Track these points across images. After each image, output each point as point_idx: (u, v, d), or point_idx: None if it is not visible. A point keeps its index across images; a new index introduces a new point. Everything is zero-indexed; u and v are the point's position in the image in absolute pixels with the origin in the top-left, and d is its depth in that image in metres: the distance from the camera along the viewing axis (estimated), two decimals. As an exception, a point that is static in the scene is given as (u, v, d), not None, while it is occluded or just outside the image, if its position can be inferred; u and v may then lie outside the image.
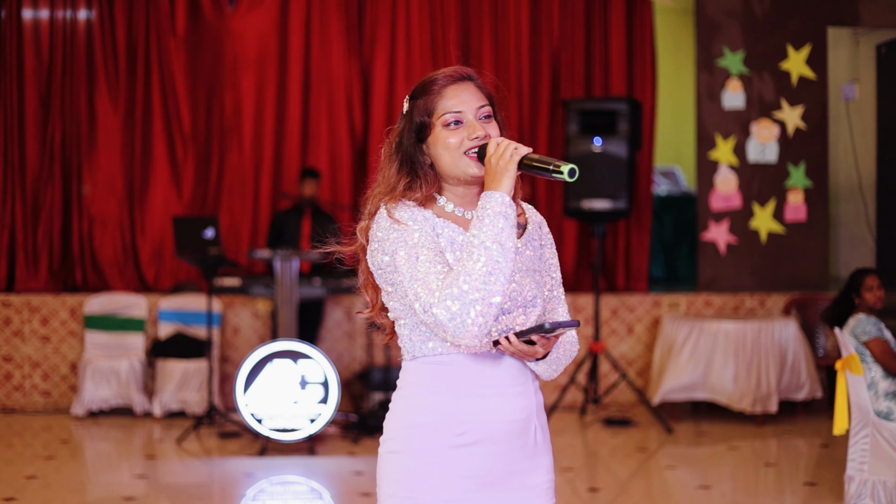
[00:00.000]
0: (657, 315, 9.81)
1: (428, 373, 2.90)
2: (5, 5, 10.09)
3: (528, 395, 2.96)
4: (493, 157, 2.81)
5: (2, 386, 9.64)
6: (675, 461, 7.98)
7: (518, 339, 2.80)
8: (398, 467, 2.90)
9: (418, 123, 2.92)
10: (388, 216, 2.85)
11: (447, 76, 2.94)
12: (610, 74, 10.34)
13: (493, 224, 2.73)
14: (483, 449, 2.88)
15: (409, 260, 2.78)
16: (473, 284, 2.67)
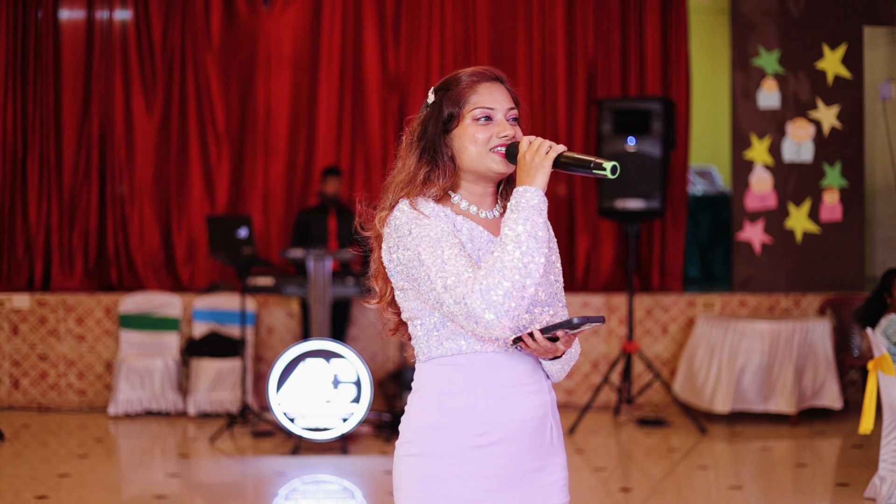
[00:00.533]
0: (692, 315, 9.77)
1: (444, 374, 2.89)
2: (42, 6, 10.15)
3: (542, 393, 2.96)
4: (527, 153, 2.83)
5: (37, 384, 9.71)
6: (707, 461, 7.94)
7: (543, 335, 2.80)
8: (418, 470, 2.89)
9: (447, 114, 2.92)
10: (409, 209, 2.85)
11: (480, 73, 2.96)
12: (645, 74, 10.30)
13: (528, 217, 2.75)
14: (502, 449, 2.87)
15: (434, 252, 2.77)
16: (508, 276, 2.69)
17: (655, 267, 10.30)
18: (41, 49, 10.18)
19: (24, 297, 9.72)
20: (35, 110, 10.17)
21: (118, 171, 10.25)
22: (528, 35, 10.33)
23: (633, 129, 8.96)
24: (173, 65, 10.30)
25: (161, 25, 10.27)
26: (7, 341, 9.68)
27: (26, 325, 9.70)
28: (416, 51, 10.33)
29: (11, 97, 10.14)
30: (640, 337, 9.75)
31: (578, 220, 10.26)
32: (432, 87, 3.00)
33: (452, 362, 2.88)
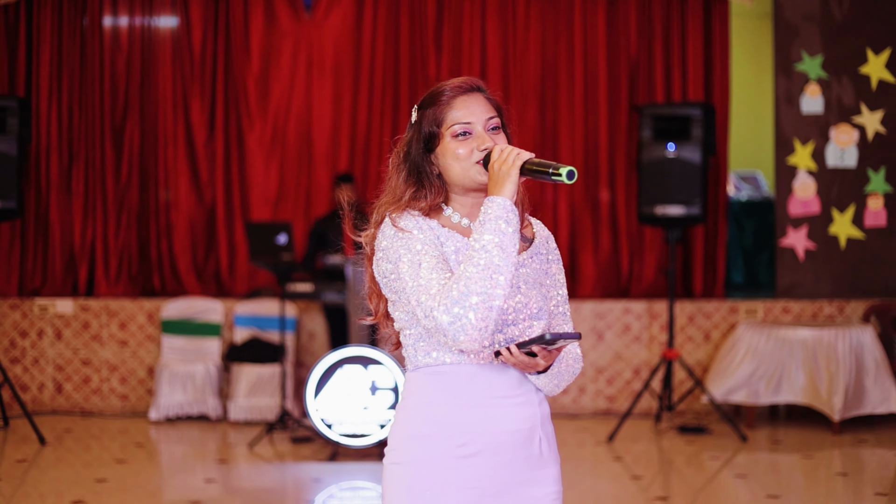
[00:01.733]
0: (734, 321, 9.70)
1: (429, 383, 2.90)
2: (87, 13, 10.24)
3: (530, 405, 2.95)
4: (495, 162, 2.83)
5: (80, 389, 9.79)
6: (746, 470, 7.88)
7: (519, 349, 2.79)
8: (401, 478, 2.90)
9: (427, 133, 2.94)
10: (392, 225, 2.87)
11: (456, 87, 2.96)
12: (687, 79, 10.25)
13: (493, 228, 2.75)
14: (485, 460, 2.88)
15: (412, 267, 2.80)
16: (473, 287, 2.69)
17: (698, 273, 10.24)
18: (86, 56, 10.28)
19: (68, 302, 9.81)
20: (80, 118, 10.26)
21: (162, 177, 10.31)
22: (569, 41, 10.30)
23: (673, 135, 8.91)
24: (216, 71, 10.36)
25: (203, 32, 10.34)
26: (51, 346, 9.77)
27: (70, 330, 9.78)
28: (457, 58, 10.32)
29: (56, 105, 10.24)
30: (682, 344, 9.70)
31: (621, 227, 10.22)
32: (415, 104, 3.01)
33: (437, 372, 2.89)
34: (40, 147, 10.17)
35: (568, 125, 10.27)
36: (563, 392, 9.70)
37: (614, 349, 9.77)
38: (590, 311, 9.81)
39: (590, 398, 9.76)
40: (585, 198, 10.25)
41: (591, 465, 8.05)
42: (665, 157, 8.90)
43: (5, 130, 8.75)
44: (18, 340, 9.76)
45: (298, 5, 10.35)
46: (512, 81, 10.27)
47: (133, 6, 10.31)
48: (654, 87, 10.25)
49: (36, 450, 8.34)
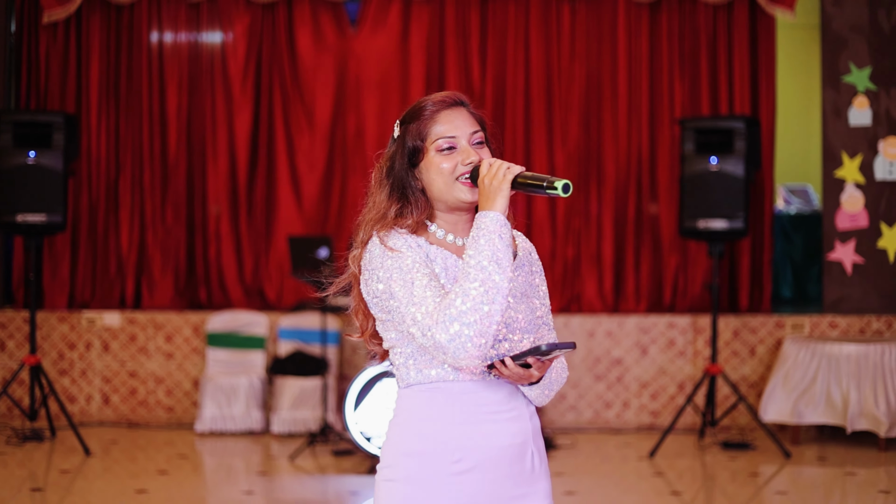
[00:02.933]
0: (780, 336, 9.62)
1: (421, 400, 2.90)
2: (134, 29, 10.35)
3: (522, 419, 2.94)
4: (486, 177, 2.82)
5: (127, 401, 9.88)
6: (787, 487, 7.81)
7: (514, 362, 2.79)
8: (394, 495, 2.90)
9: (411, 148, 2.93)
10: (380, 244, 2.87)
11: (440, 101, 2.95)
12: (733, 92, 10.19)
13: (488, 243, 2.73)
14: (479, 475, 2.87)
15: (404, 285, 2.78)
16: (471, 304, 2.68)
17: (744, 288, 10.16)
18: (133, 72, 10.39)
19: (115, 314, 9.90)
20: (127, 132, 10.37)
21: (209, 191, 10.40)
22: (613, 53, 10.27)
23: (715, 149, 8.85)
24: (261, 86, 10.43)
25: (248, 47, 10.41)
26: (98, 358, 9.87)
27: (117, 342, 9.88)
28: (500, 71, 10.33)
29: (105, 119, 10.35)
30: (727, 359, 9.62)
31: (666, 241, 10.16)
32: (398, 119, 3.01)
33: (429, 389, 2.89)
34: (90, 161, 10.29)
35: (612, 138, 10.23)
36: (607, 406, 9.67)
37: (658, 364, 9.71)
38: (634, 325, 9.76)
39: (633, 413, 9.72)
40: (630, 212, 10.21)
41: (634, 480, 8.01)
42: (708, 170, 8.84)
43: (51, 145, 8.87)
44: (67, 352, 9.88)
45: (343, 20, 10.41)
46: (555, 95, 10.26)
47: (179, 22, 10.41)
48: (698, 101, 10.20)
49: (81, 460, 8.42)
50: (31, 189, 8.80)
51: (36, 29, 10.33)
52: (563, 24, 10.27)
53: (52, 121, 8.93)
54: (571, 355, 9.70)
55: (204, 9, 10.41)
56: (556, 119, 10.27)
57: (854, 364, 8.76)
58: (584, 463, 8.51)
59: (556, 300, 10.15)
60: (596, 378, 9.74)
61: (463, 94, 3.00)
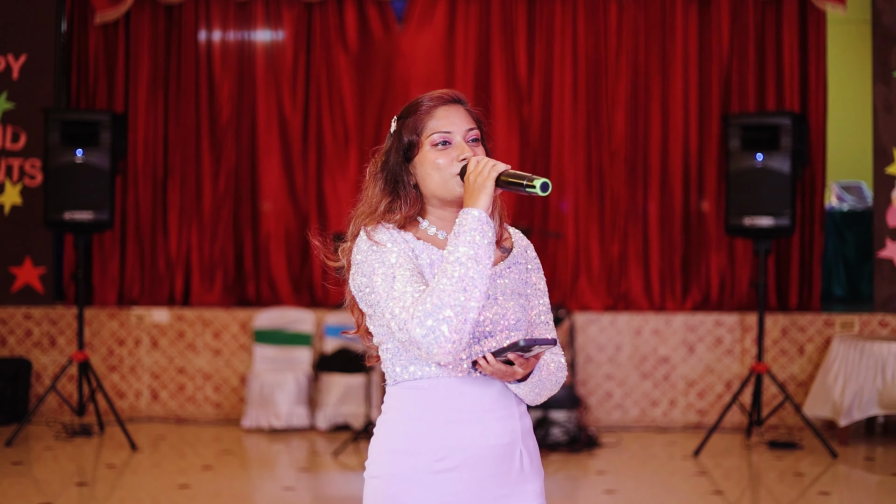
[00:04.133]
0: (829, 335, 9.52)
1: (408, 397, 2.90)
2: (183, 28, 10.43)
3: (511, 419, 2.92)
4: (471, 174, 2.82)
5: (176, 397, 9.97)
6: (831, 487, 7.73)
7: (495, 357, 2.77)
8: (379, 492, 2.91)
9: (406, 142, 2.94)
10: (367, 238, 2.87)
11: (437, 97, 2.95)
12: (782, 88, 10.08)
13: (468, 240, 2.73)
14: (463, 474, 2.86)
15: (385, 280, 2.79)
16: (446, 300, 2.67)
17: (793, 286, 10.06)
18: (182, 71, 10.47)
19: (164, 311, 10.00)
20: (176, 131, 10.46)
21: (257, 189, 10.46)
22: (661, 49, 10.20)
23: (761, 145, 8.77)
24: (309, 84, 10.48)
25: (297, 46, 10.46)
26: (147, 354, 9.97)
27: (165, 338, 9.97)
28: (547, 68, 10.30)
29: (153, 118, 10.44)
30: (775, 357, 9.54)
31: (712, 238, 10.08)
32: (395, 115, 3.01)
33: (415, 386, 2.89)
34: (137, 160, 10.38)
35: (659, 134, 10.17)
36: (653, 405, 9.62)
37: (705, 362, 9.65)
38: (681, 323, 9.71)
39: (680, 412, 9.66)
40: (677, 209, 10.14)
41: (676, 479, 7.96)
42: (753, 167, 8.76)
43: (98, 144, 8.96)
44: (116, 349, 9.98)
45: (390, 18, 10.43)
46: (603, 91, 10.21)
47: (228, 21, 10.48)
48: (746, 96, 10.11)
49: (128, 455, 8.51)
50: (79, 187, 8.90)
51: (86, 29, 10.45)
52: (610, 20, 10.22)
53: (99, 120, 9.03)
54: (617, 353, 9.67)
55: (252, 7, 10.47)
56: (603, 115, 10.22)
57: (902, 363, 8.66)
58: (627, 461, 8.47)
59: (603, 298, 10.12)
60: (642, 376, 9.70)
61: (461, 92, 3.00)
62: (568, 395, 9.08)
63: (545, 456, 8.52)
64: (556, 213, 10.22)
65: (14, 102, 10.21)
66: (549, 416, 8.92)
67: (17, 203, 10.18)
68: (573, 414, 9.03)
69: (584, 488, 7.90)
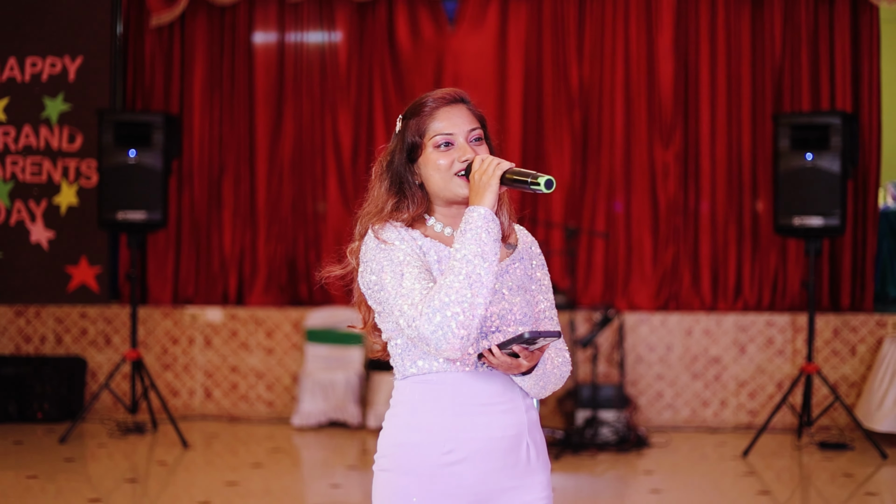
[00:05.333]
0: (882, 336, 9.44)
1: (416, 391, 2.95)
2: (237, 29, 10.53)
3: (517, 411, 2.97)
4: (476, 173, 2.87)
5: (228, 395, 10.07)
6: (879, 488, 7.67)
7: (500, 350, 2.81)
8: (388, 485, 2.95)
9: (409, 144, 2.98)
10: (374, 237, 2.92)
11: (439, 98, 2.99)
12: (835, 87, 10.00)
13: (474, 238, 2.78)
14: (470, 467, 2.90)
15: (394, 277, 2.84)
16: (454, 297, 2.72)
17: (845, 286, 9.98)
18: (236, 71, 10.57)
19: (217, 310, 10.10)
20: (230, 131, 10.56)
21: (310, 188, 10.53)
22: (712, 49, 10.17)
23: (811, 145, 8.72)
24: (361, 84, 10.54)
25: (349, 46, 10.52)
26: (201, 353, 10.08)
27: (219, 337, 10.08)
28: (597, 68, 10.28)
29: (208, 118, 10.55)
30: (827, 358, 9.48)
31: (766, 238, 10.03)
32: (400, 115, 3.05)
33: (423, 381, 2.94)
34: (193, 160, 10.50)
35: (709, 133, 10.13)
36: (704, 405, 9.59)
37: (756, 363, 9.61)
38: (732, 323, 9.67)
39: (731, 412, 9.62)
40: (729, 208, 10.10)
41: (723, 479, 7.94)
42: (803, 166, 8.71)
43: (151, 144, 9.08)
44: (170, 347, 10.10)
45: (442, 18, 10.47)
46: (655, 90, 10.18)
47: (282, 23, 10.57)
48: (798, 96, 10.04)
49: (180, 453, 8.61)
50: (132, 187, 9.02)
51: (142, 31, 10.58)
52: (661, 19, 10.19)
53: (152, 121, 9.15)
54: (668, 353, 9.65)
55: (304, 9, 10.55)
56: (655, 115, 10.20)
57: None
58: (676, 462, 8.46)
59: (654, 298, 10.10)
60: (693, 376, 9.67)
61: (464, 92, 3.04)
62: (617, 395, 9.09)
63: (594, 455, 8.54)
64: (608, 214, 10.21)
65: (70, 104, 10.37)
66: (598, 415, 8.93)
67: (74, 203, 10.33)
68: (623, 414, 9.03)
69: (631, 488, 7.90)
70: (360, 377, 9.69)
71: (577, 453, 8.54)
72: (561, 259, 9.93)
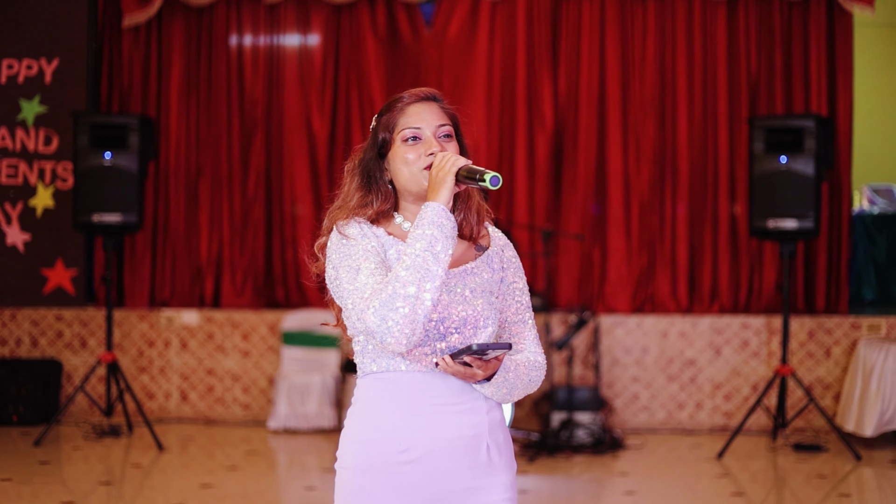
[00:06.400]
0: (856, 338, 9.49)
1: (374, 389, 2.96)
2: (214, 31, 10.52)
3: (476, 412, 2.97)
4: (434, 168, 2.89)
5: (205, 398, 10.05)
6: (853, 490, 7.71)
7: (453, 360, 2.82)
8: (347, 483, 2.98)
9: (380, 139, 3.02)
10: (338, 232, 2.94)
11: (412, 94, 3.03)
12: (809, 91, 10.06)
13: (425, 233, 2.79)
14: (426, 466, 2.92)
15: (350, 272, 2.86)
16: (400, 290, 2.73)
17: (820, 288, 10.03)
18: (213, 75, 10.56)
19: (193, 313, 10.09)
20: (207, 133, 10.54)
21: (287, 191, 10.52)
22: (689, 54, 10.20)
23: (785, 148, 8.76)
24: (338, 86, 10.54)
25: (325, 48, 10.52)
26: (176, 356, 10.06)
27: (195, 340, 10.06)
28: (573, 73, 10.30)
29: (185, 121, 10.54)
30: (802, 360, 9.52)
31: (741, 241, 10.07)
32: (376, 113, 3.08)
33: (382, 379, 2.95)
34: (169, 162, 10.48)
35: (687, 137, 10.16)
36: (680, 407, 9.62)
37: (732, 365, 9.64)
38: (707, 326, 9.70)
39: (706, 414, 9.65)
40: (705, 211, 10.13)
41: (697, 481, 7.96)
42: (778, 169, 8.75)
43: (127, 147, 9.06)
44: (146, 350, 10.08)
45: (419, 21, 10.47)
46: (630, 94, 10.21)
47: (258, 25, 10.56)
48: (774, 99, 10.09)
49: (156, 456, 8.59)
50: (108, 189, 9.00)
51: (118, 33, 10.55)
52: (636, 23, 10.23)
53: (127, 123, 9.13)
54: (644, 356, 9.68)
55: (282, 10, 10.54)
56: (631, 118, 10.23)
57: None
58: (651, 463, 8.48)
59: (630, 300, 10.12)
60: (669, 379, 9.70)
61: (437, 90, 3.07)
62: (593, 397, 9.11)
63: (569, 457, 8.56)
64: (584, 216, 10.23)
65: (47, 106, 10.35)
66: (574, 417, 8.95)
67: (50, 206, 10.31)
68: (598, 416, 9.05)
69: (607, 490, 7.91)
70: (335, 379, 9.69)
71: (553, 455, 8.56)
72: (537, 262, 9.94)
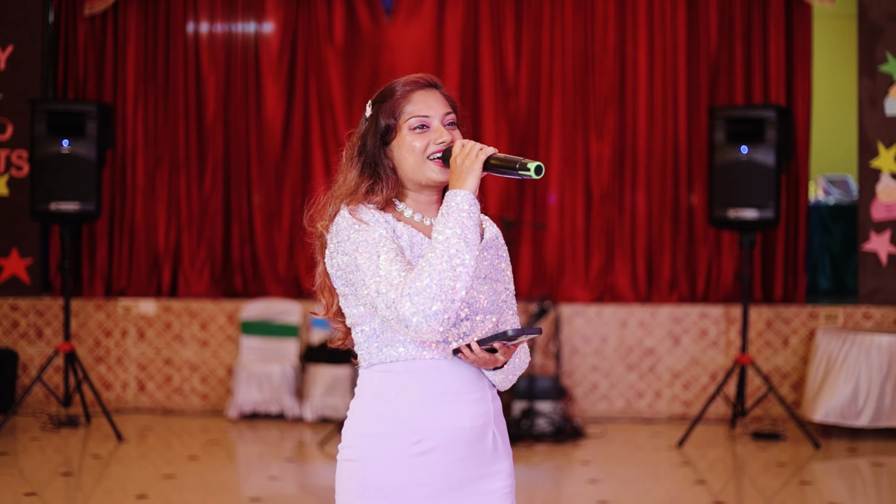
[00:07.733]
0: (814, 327, 9.56)
1: (383, 381, 2.92)
2: (171, 18, 10.44)
3: (485, 401, 2.97)
4: (458, 156, 2.85)
5: (163, 388, 9.98)
6: (813, 477, 7.77)
7: (480, 346, 2.81)
8: (355, 475, 2.92)
9: (384, 126, 2.96)
10: (349, 216, 2.89)
11: (414, 81, 2.99)
12: (768, 81, 10.12)
13: (457, 221, 2.76)
14: (439, 456, 2.89)
15: (370, 258, 2.81)
16: (436, 279, 2.70)
17: (778, 278, 10.10)
18: (170, 63, 10.47)
19: (151, 302, 10.01)
20: (164, 122, 10.46)
21: (245, 180, 10.45)
22: (649, 43, 10.23)
23: (746, 138, 8.80)
24: (296, 75, 10.48)
25: (283, 37, 10.46)
26: (134, 346, 9.98)
27: (152, 330, 9.99)
28: (535, 61, 10.31)
29: (142, 109, 10.44)
30: (760, 349, 9.58)
31: (700, 231, 10.12)
32: (370, 99, 3.04)
33: (391, 369, 2.91)
34: (126, 151, 10.39)
35: (647, 128, 10.19)
36: (639, 396, 9.66)
37: (691, 354, 9.69)
38: (666, 315, 9.74)
39: (666, 403, 9.70)
40: (664, 201, 10.17)
41: (659, 469, 8.00)
42: (738, 159, 8.79)
43: (84, 135, 8.96)
44: (103, 340, 10.00)
45: (378, 9, 10.43)
46: (591, 84, 10.23)
47: (215, 12, 10.49)
48: (734, 90, 10.14)
49: (114, 446, 8.52)
50: (65, 178, 8.89)
51: (74, 20, 10.44)
52: (597, 12, 10.24)
53: (85, 110, 9.03)
54: (603, 345, 9.71)
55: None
56: (591, 108, 10.24)
57: (886, 355, 8.68)
58: (612, 452, 8.51)
59: (589, 289, 10.14)
60: (628, 368, 9.73)
61: (435, 77, 3.03)
62: (553, 387, 9.13)
63: (531, 446, 8.58)
64: (543, 205, 10.24)
65: (1, 93, 10.22)
66: (534, 406, 8.96)
67: (4, 194, 10.19)
68: (559, 405, 9.08)
69: (569, 478, 7.94)
70: (295, 369, 9.65)
71: (514, 444, 8.55)
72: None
